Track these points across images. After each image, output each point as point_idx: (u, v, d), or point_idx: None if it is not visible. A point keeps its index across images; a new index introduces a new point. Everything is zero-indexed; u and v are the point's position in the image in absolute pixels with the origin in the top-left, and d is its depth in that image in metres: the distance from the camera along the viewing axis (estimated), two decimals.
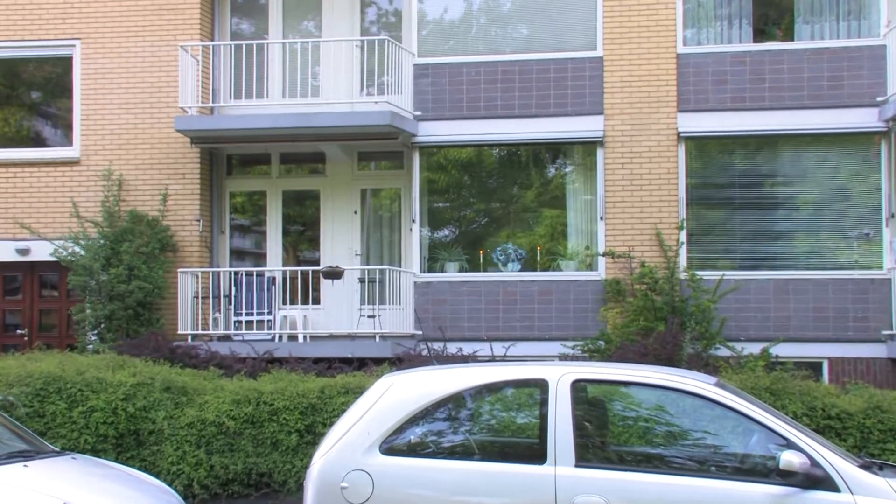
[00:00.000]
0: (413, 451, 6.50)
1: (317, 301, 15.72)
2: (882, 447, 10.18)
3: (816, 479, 5.88)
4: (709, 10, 15.02)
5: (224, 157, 16.54)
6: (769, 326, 14.20)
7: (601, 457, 6.44)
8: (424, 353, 12.96)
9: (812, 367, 13.45)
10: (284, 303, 15.57)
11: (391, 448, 6.46)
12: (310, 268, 15.35)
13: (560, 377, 6.43)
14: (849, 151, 14.66)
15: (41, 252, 15.60)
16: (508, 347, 13.30)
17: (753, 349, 13.40)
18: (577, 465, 6.16)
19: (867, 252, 14.51)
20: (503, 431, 7.02)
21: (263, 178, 16.72)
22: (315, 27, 16.53)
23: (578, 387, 6.48)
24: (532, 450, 6.41)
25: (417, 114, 15.16)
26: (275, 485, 10.89)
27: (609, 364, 7.80)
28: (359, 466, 6.38)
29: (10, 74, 16.81)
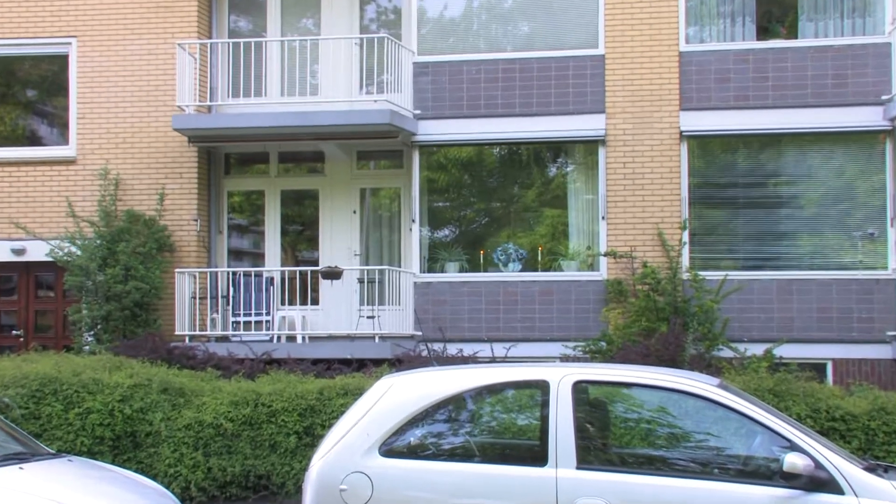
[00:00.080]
0: (413, 453, 6.48)
1: (316, 301, 15.67)
2: (887, 449, 10.15)
3: (820, 482, 5.84)
4: (711, 8, 14.95)
5: (222, 157, 16.50)
6: (772, 327, 14.14)
7: (603, 459, 6.42)
8: (424, 354, 12.95)
9: (816, 369, 13.40)
10: (283, 303, 15.52)
11: (391, 450, 6.43)
12: (308, 268, 15.32)
13: (561, 378, 6.40)
14: (853, 150, 14.61)
15: (37, 252, 15.53)
16: (509, 348, 13.29)
17: (757, 350, 13.31)
18: (579, 468, 6.12)
19: (872, 252, 14.45)
20: (504, 433, 6.98)
21: (262, 178, 16.67)
22: (314, 25, 16.48)
23: (580, 388, 6.45)
24: (533, 452, 6.37)
25: (417, 112, 15.11)
26: (273, 487, 10.85)
27: (611, 365, 7.81)
28: (358, 468, 6.36)
29: (6, 73, 16.75)
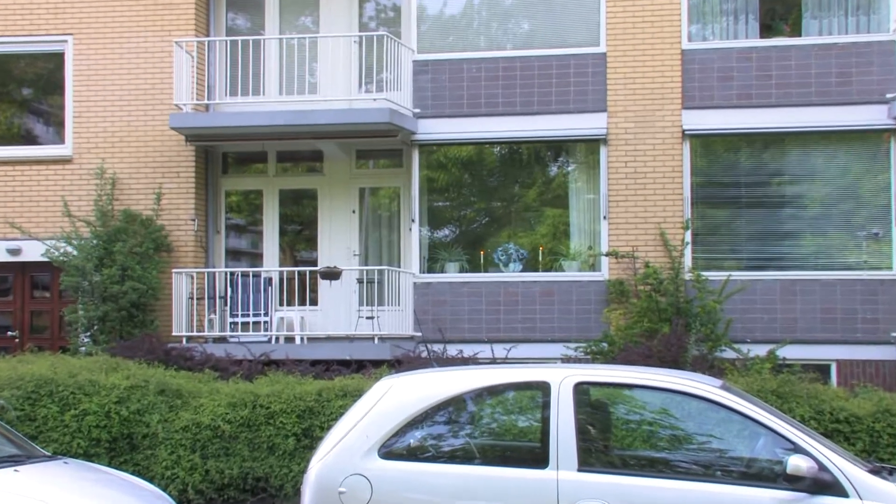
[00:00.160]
0: (412, 455, 6.48)
1: (314, 302, 15.61)
2: (892, 452, 10.12)
3: (824, 484, 5.83)
4: (714, 5, 14.90)
5: (219, 156, 16.45)
6: (776, 328, 14.09)
7: (604, 461, 6.42)
8: (424, 356, 12.92)
9: (820, 370, 13.26)
10: (281, 304, 15.47)
11: (390, 452, 6.43)
12: (307, 268, 15.27)
13: (562, 380, 6.39)
14: (857, 149, 14.57)
15: (32, 252, 15.47)
16: (510, 349, 13.26)
17: (760, 351, 13.28)
18: (580, 470, 6.11)
19: (876, 252, 14.42)
20: (504, 435, 6.98)
21: (260, 177, 16.62)
22: (312, 23, 16.44)
23: (581, 389, 6.45)
24: (534, 454, 6.36)
25: (417, 111, 15.07)
26: (271, 490, 10.82)
27: (612, 366, 7.87)
28: (357, 471, 6.36)
29: (1, 71, 16.69)
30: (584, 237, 15.19)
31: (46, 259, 15.08)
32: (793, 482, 5.82)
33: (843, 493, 5.79)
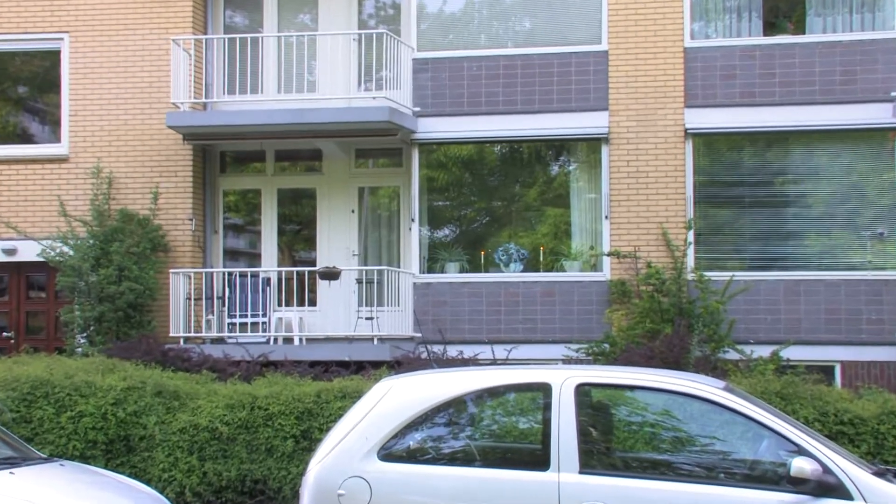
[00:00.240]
0: (412, 458, 6.47)
1: (313, 302, 15.56)
2: None
3: (829, 487, 5.80)
4: (717, 3, 14.84)
5: (217, 155, 16.41)
6: (779, 329, 14.03)
7: (606, 463, 6.41)
8: (424, 357, 12.89)
9: (824, 371, 13.30)
10: (280, 304, 15.45)
11: (390, 454, 6.41)
12: (306, 268, 15.25)
13: (564, 381, 6.37)
14: (862, 148, 14.53)
15: (28, 252, 15.44)
16: (510, 350, 13.16)
17: (763, 352, 13.22)
18: (582, 472, 6.09)
19: (881, 252, 14.38)
20: (505, 437, 6.96)
21: (258, 176, 16.58)
22: (311, 20, 16.41)
23: (583, 391, 6.43)
24: (535, 456, 6.33)
25: (417, 109, 15.02)
26: (270, 492, 10.78)
27: (614, 367, 7.91)
28: (356, 473, 6.34)
29: None
30: (586, 237, 15.14)
31: (42, 259, 15.04)
32: (796, 485, 5.79)
33: (848, 496, 5.75)
